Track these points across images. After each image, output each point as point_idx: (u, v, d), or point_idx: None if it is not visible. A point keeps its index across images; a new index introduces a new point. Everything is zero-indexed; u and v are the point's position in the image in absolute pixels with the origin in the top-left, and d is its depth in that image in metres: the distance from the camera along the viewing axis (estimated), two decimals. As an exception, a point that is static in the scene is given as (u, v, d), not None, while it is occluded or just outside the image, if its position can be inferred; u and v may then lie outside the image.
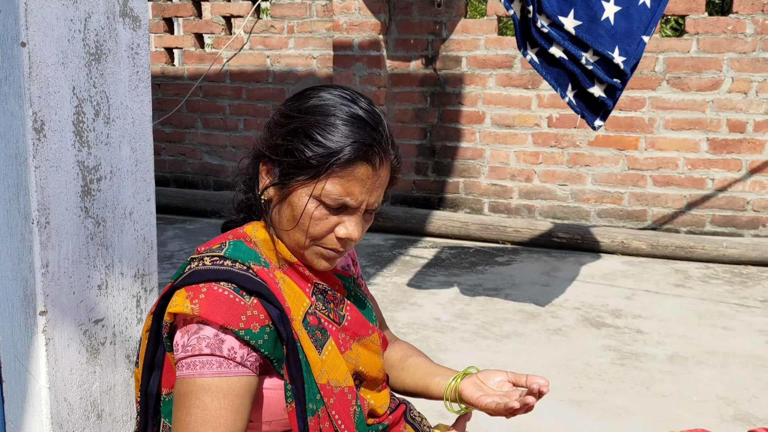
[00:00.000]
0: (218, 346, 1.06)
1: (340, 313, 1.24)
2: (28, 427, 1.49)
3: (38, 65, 1.36)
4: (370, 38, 5.20)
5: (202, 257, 1.15)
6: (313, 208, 1.14)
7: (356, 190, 1.13)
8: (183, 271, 1.16)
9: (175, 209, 5.68)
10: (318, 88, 1.19)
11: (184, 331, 1.08)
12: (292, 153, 1.12)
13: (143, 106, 1.64)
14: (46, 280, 1.42)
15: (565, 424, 2.50)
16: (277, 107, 1.21)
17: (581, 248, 4.83)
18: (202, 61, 5.98)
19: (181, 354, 1.07)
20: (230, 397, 1.06)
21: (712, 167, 4.92)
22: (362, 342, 1.25)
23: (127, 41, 1.55)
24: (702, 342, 3.31)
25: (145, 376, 1.16)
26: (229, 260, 1.13)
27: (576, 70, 2.90)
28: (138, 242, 1.65)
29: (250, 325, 1.07)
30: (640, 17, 2.81)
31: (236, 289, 1.09)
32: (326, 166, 1.11)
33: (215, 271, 1.11)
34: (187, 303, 1.07)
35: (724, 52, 4.77)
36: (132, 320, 1.65)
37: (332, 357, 1.17)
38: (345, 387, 1.17)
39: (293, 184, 1.14)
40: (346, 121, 1.13)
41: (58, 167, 1.42)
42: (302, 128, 1.13)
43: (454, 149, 5.41)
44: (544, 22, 2.84)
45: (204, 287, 1.09)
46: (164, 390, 1.16)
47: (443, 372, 1.36)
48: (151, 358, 1.16)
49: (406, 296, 3.88)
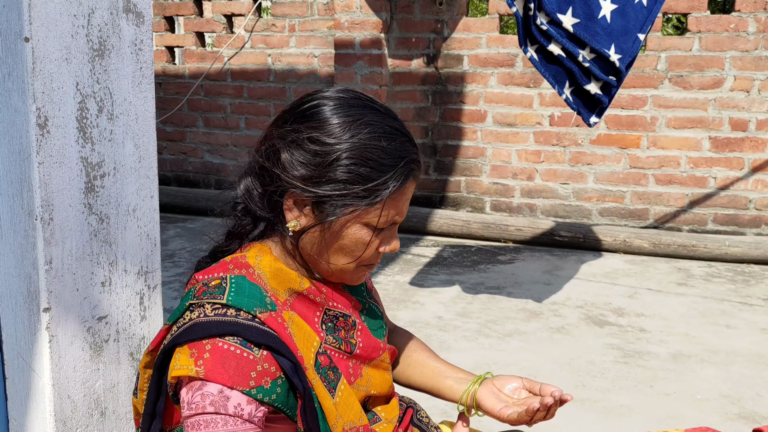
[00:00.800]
0: (223, 404, 0.98)
1: (351, 342, 1.17)
2: (32, 425, 1.48)
3: (42, 61, 1.35)
4: (371, 37, 5.20)
5: (203, 304, 1.04)
6: (366, 236, 1.07)
7: (404, 207, 1.10)
8: (181, 314, 1.06)
9: (176, 208, 5.68)
10: (321, 97, 1.09)
11: (189, 388, 1.00)
12: (340, 185, 1.03)
13: (147, 103, 1.63)
14: (50, 277, 1.41)
15: (569, 423, 2.50)
16: (287, 130, 1.07)
17: (583, 247, 4.82)
18: (203, 60, 5.98)
19: (186, 412, 1.00)
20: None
21: (714, 166, 4.91)
22: (372, 363, 1.21)
23: (130, 37, 1.55)
24: (705, 340, 3.31)
25: (146, 422, 1.11)
26: (232, 309, 1.02)
27: (573, 68, 2.91)
28: (141, 239, 1.64)
29: (261, 381, 1.00)
30: (636, 15, 2.82)
31: (243, 343, 1.00)
32: (386, 194, 1.04)
33: (219, 323, 1.01)
34: (191, 364, 0.99)
35: (727, 50, 4.76)
36: (135, 318, 1.65)
37: (345, 397, 1.11)
38: (360, 426, 1.11)
39: (342, 217, 1.05)
40: (391, 137, 1.06)
41: (62, 163, 1.41)
42: (349, 156, 1.03)
43: (456, 148, 5.41)
44: (544, 20, 2.85)
45: (208, 344, 0.99)
46: (168, 427, 1.11)
47: (454, 373, 1.33)
48: (152, 408, 1.10)
49: (408, 295, 3.88)
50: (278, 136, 1.07)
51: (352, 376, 1.16)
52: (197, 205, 5.63)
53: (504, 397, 1.26)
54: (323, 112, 1.06)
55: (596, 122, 3.05)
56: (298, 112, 1.08)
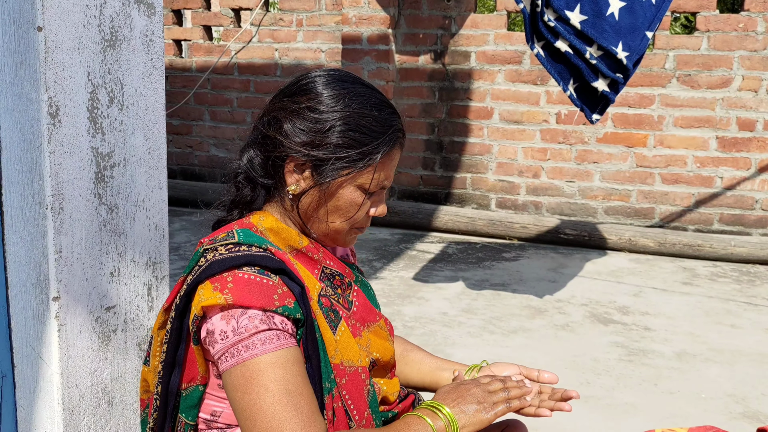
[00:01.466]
0: (271, 321, 1.06)
1: (348, 299, 1.24)
2: (40, 413, 1.49)
3: (54, 50, 1.36)
4: (378, 32, 5.19)
5: (215, 247, 1.13)
6: (359, 197, 1.18)
7: (391, 172, 1.20)
8: (196, 263, 1.13)
9: (182, 201, 5.69)
10: (316, 75, 1.19)
11: (228, 317, 1.05)
12: (337, 149, 1.13)
13: (157, 94, 1.63)
14: (59, 266, 1.42)
15: (572, 420, 2.50)
16: (287, 102, 1.18)
17: (588, 245, 4.82)
18: (210, 54, 5.98)
19: (232, 339, 1.04)
20: (299, 365, 1.06)
21: (720, 165, 4.90)
22: (371, 329, 1.26)
23: (141, 28, 1.55)
24: (709, 340, 3.30)
25: (166, 374, 1.14)
26: (244, 245, 1.12)
27: (581, 65, 2.91)
28: (150, 230, 1.65)
29: (284, 302, 1.08)
30: (644, 13, 2.81)
31: (260, 271, 1.08)
32: (377, 158, 1.15)
33: (234, 257, 1.09)
34: (218, 294, 1.05)
35: (735, 49, 4.75)
36: (143, 308, 1.65)
37: (345, 338, 1.17)
38: (359, 367, 1.17)
39: (339, 179, 1.15)
40: (380, 107, 1.17)
41: (73, 153, 1.42)
42: (344, 123, 1.14)
43: (462, 145, 5.40)
44: (551, 16, 2.85)
45: (228, 276, 1.07)
46: (183, 385, 1.14)
47: (450, 366, 1.38)
48: (173, 356, 1.13)
49: (413, 290, 3.88)
50: (279, 108, 1.18)
51: (353, 332, 1.21)
52: (203, 198, 5.64)
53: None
54: (318, 86, 1.17)
55: (598, 119, 3.06)
56: (296, 88, 1.19)
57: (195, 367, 1.12)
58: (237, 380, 1.04)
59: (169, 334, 1.13)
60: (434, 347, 3.11)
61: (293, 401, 1.02)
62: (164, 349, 1.14)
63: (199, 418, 1.15)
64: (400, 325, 3.34)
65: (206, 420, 1.15)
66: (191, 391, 1.13)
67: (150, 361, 1.20)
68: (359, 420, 1.15)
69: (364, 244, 4.74)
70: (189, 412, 1.14)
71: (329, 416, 1.11)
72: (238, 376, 1.04)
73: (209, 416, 1.14)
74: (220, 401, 1.13)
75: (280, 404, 1.01)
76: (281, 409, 1.01)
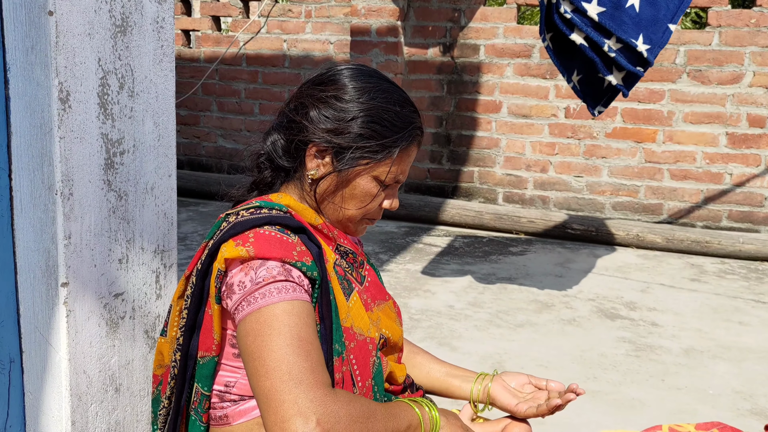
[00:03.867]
0: (288, 273, 1.08)
1: (362, 274, 1.28)
2: (48, 399, 1.49)
3: (65, 35, 1.35)
4: (387, 24, 5.17)
5: (238, 212, 1.18)
6: (374, 188, 1.21)
7: (407, 168, 1.24)
8: (218, 228, 1.18)
9: (188, 192, 5.69)
10: (344, 67, 1.23)
11: (248, 268, 1.08)
12: (358, 138, 1.17)
13: (167, 81, 1.63)
14: (69, 252, 1.41)
15: (579, 415, 2.49)
16: (315, 90, 1.22)
17: (595, 240, 4.80)
18: (219, 44, 5.97)
19: (250, 288, 1.06)
20: (312, 318, 1.08)
21: (730, 162, 4.87)
22: (381, 307, 1.29)
23: (152, 14, 1.54)
24: (717, 336, 3.29)
25: (186, 338, 1.16)
26: (265, 209, 1.18)
27: (595, 58, 2.87)
28: (159, 218, 1.64)
29: (302, 258, 1.11)
30: (666, 5, 2.77)
31: (281, 230, 1.13)
32: (395, 151, 1.19)
33: (256, 218, 1.14)
34: (240, 248, 1.09)
35: (747, 45, 4.71)
36: (151, 296, 1.65)
37: (357, 307, 1.20)
38: (367, 337, 1.19)
39: (357, 168, 1.19)
40: (402, 104, 1.21)
41: (83, 139, 1.41)
42: (367, 114, 1.18)
43: (470, 138, 5.39)
44: (568, 8, 2.82)
45: (250, 233, 1.11)
46: (199, 353, 1.16)
47: (461, 372, 1.41)
48: (194, 319, 1.16)
49: (419, 283, 3.87)
50: (306, 95, 1.23)
51: (365, 305, 1.23)
52: (210, 189, 5.63)
53: (516, 393, 1.35)
54: (345, 78, 1.22)
55: (601, 111, 3.05)
56: (324, 77, 1.24)
57: (210, 334, 1.14)
58: (251, 326, 1.05)
59: (190, 299, 1.16)
60: (440, 340, 3.10)
61: (304, 348, 1.02)
62: (184, 315, 1.17)
63: (213, 390, 1.16)
64: (406, 317, 3.33)
65: (219, 392, 1.16)
66: (207, 361, 1.15)
67: (167, 332, 1.23)
68: (361, 387, 1.17)
69: (370, 237, 4.73)
70: (205, 381, 1.16)
71: (337, 379, 1.13)
72: (252, 322, 1.05)
73: (223, 387, 1.16)
74: (234, 371, 1.15)
75: (291, 348, 1.01)
76: (292, 352, 1.01)
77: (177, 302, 1.20)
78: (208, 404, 1.17)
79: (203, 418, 1.17)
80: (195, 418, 1.18)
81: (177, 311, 1.20)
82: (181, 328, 1.17)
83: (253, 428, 1.14)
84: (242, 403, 1.15)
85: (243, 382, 1.14)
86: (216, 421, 1.17)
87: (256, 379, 1.01)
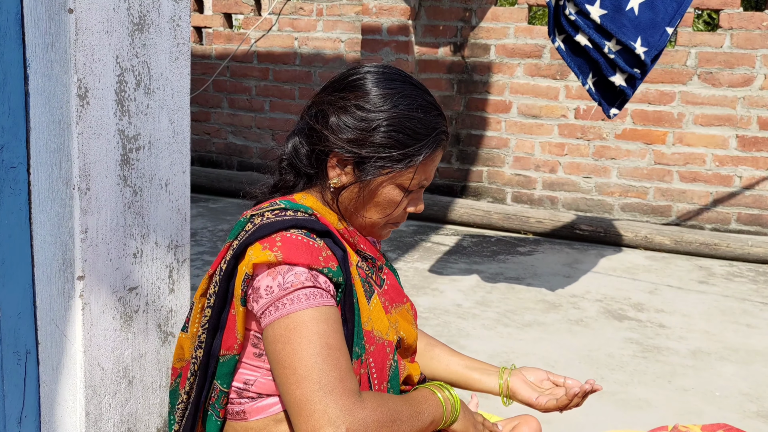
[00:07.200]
0: (315, 279, 1.09)
1: (381, 277, 1.29)
2: (62, 390, 1.51)
3: (84, 32, 1.37)
4: (399, 23, 5.19)
5: (262, 212, 1.17)
6: (398, 195, 1.20)
7: (431, 173, 1.23)
8: (242, 229, 1.17)
9: (199, 188, 5.72)
10: (367, 71, 1.21)
11: (275, 273, 1.09)
12: (380, 149, 1.15)
13: (182, 79, 1.65)
14: (85, 246, 1.44)
15: (586, 414, 2.50)
16: (336, 97, 1.19)
17: (604, 241, 4.80)
18: (230, 41, 6.00)
19: (278, 293, 1.07)
20: (339, 324, 1.09)
21: (740, 164, 4.86)
22: (398, 310, 1.29)
23: (169, 13, 1.56)
24: (725, 338, 3.29)
25: (209, 337, 1.17)
26: (290, 210, 1.17)
27: (600, 59, 2.91)
28: (173, 213, 1.67)
29: (328, 264, 1.11)
30: (665, 8, 2.80)
31: (306, 234, 1.13)
32: (419, 159, 1.17)
33: (282, 221, 1.14)
34: (267, 252, 1.09)
35: (758, 48, 4.70)
36: (164, 290, 1.67)
37: (377, 310, 1.21)
38: (386, 340, 1.21)
39: (379, 178, 1.17)
40: (426, 109, 1.19)
41: (100, 135, 1.44)
42: (390, 124, 1.15)
43: (479, 138, 5.39)
44: (572, 10, 2.85)
45: (277, 237, 1.11)
46: (221, 351, 1.17)
47: (480, 366, 1.43)
48: (217, 319, 1.16)
49: (427, 282, 3.89)
50: (328, 102, 1.20)
51: (384, 308, 1.25)
52: (220, 185, 5.67)
53: (535, 387, 1.38)
54: (367, 84, 1.18)
55: (616, 113, 3.06)
56: (346, 83, 1.20)
57: (233, 334, 1.15)
58: (279, 332, 1.06)
59: (214, 298, 1.16)
60: (448, 338, 3.12)
61: (333, 355, 1.04)
62: (206, 314, 1.17)
63: (232, 387, 1.18)
64: (414, 315, 3.35)
65: (238, 389, 1.17)
66: (228, 359, 1.16)
67: (189, 328, 1.23)
68: (377, 390, 1.18)
69: (379, 235, 4.74)
70: (224, 378, 1.17)
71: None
72: (280, 328, 1.06)
73: (242, 385, 1.17)
74: (254, 369, 1.16)
75: (321, 356, 1.03)
76: (322, 361, 1.03)
77: (199, 299, 1.21)
78: (226, 400, 1.18)
79: (220, 413, 1.18)
80: (212, 413, 1.19)
81: (199, 308, 1.20)
82: (204, 326, 1.17)
83: (269, 424, 1.15)
84: (260, 401, 1.16)
85: (262, 381, 1.15)
86: (233, 415, 1.18)
87: (286, 387, 1.03)
